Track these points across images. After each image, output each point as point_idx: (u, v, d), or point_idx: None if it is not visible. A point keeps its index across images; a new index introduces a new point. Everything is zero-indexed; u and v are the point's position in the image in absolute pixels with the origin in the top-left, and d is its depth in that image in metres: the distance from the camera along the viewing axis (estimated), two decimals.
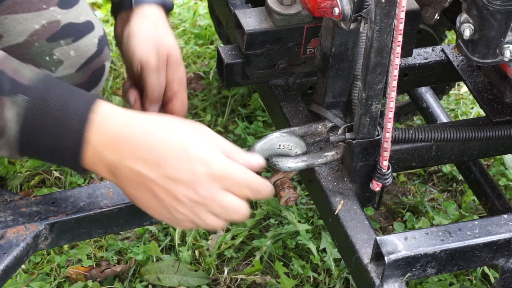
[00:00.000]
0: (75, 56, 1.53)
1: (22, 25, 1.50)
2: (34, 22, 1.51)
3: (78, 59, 1.54)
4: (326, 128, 1.60)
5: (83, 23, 1.55)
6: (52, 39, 1.52)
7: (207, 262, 2.00)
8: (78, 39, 1.54)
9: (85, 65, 1.55)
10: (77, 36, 1.53)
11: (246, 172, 1.35)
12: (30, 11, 1.50)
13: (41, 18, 1.51)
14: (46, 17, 1.51)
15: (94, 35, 1.56)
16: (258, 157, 1.39)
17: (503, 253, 1.43)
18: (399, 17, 1.31)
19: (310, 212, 2.12)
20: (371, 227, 1.47)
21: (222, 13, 1.92)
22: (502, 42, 1.41)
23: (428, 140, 1.58)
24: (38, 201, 1.48)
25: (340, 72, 1.56)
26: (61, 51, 1.52)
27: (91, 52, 1.56)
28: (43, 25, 1.51)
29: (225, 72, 1.65)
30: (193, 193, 1.31)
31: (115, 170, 1.32)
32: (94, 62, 1.56)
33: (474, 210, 2.16)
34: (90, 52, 1.55)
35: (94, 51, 1.56)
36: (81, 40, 1.54)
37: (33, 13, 1.50)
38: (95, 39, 1.56)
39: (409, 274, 1.39)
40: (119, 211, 1.49)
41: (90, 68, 1.56)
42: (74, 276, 1.97)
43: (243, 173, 1.35)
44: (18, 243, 1.42)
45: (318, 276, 1.99)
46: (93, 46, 1.55)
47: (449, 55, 1.76)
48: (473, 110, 2.45)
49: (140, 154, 1.30)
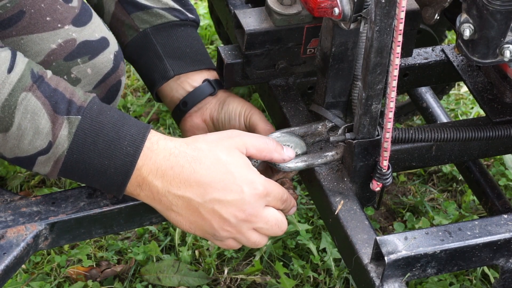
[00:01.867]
0: (92, 74, 1.55)
1: (38, 45, 1.51)
2: (50, 41, 1.52)
3: (95, 76, 1.55)
4: (326, 128, 1.60)
5: (98, 40, 1.56)
6: (69, 58, 1.53)
7: (207, 262, 2.00)
8: (94, 57, 1.55)
9: (102, 82, 1.57)
10: (93, 53, 1.55)
11: (281, 188, 1.50)
12: (46, 30, 1.51)
13: (57, 37, 1.52)
14: (62, 36, 1.52)
15: (110, 51, 1.57)
16: (291, 151, 1.53)
17: (503, 253, 1.43)
18: (399, 17, 1.31)
19: (310, 212, 2.12)
20: (371, 227, 1.47)
21: (222, 13, 1.92)
22: (502, 42, 1.41)
23: (428, 140, 1.58)
24: (38, 201, 1.48)
25: (340, 72, 1.56)
26: (78, 70, 1.53)
27: (108, 69, 1.57)
28: (59, 44, 1.52)
29: (225, 72, 1.65)
30: (240, 212, 1.44)
31: (161, 197, 1.43)
32: (111, 78, 1.58)
33: (474, 210, 2.16)
34: (106, 68, 1.57)
35: (110, 67, 1.57)
36: (97, 58, 1.55)
37: (48, 33, 1.51)
38: (111, 55, 1.57)
39: (409, 274, 1.39)
40: (119, 211, 1.49)
41: (107, 85, 1.58)
42: (74, 276, 1.97)
43: (279, 189, 1.49)
44: (18, 243, 1.42)
45: (318, 276, 1.99)
46: (109, 62, 1.57)
47: (449, 55, 1.76)
48: (473, 110, 2.45)
49: (187, 182, 1.42)
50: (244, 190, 1.43)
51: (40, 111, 1.37)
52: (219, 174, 1.43)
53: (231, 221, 1.44)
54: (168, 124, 2.34)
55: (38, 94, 1.38)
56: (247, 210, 1.44)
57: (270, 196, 1.47)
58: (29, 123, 1.37)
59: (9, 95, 1.36)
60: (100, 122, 1.40)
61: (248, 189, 1.44)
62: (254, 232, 1.48)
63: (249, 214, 1.44)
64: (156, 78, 1.72)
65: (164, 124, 2.35)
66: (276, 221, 1.48)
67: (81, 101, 1.40)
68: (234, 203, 1.43)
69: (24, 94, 1.37)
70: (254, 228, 1.47)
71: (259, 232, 1.48)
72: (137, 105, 2.40)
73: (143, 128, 1.42)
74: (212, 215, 1.44)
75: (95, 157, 1.40)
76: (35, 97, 1.37)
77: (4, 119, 1.36)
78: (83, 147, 1.39)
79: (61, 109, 1.39)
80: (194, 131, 1.72)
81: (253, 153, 1.49)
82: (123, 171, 1.41)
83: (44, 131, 1.38)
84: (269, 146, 1.50)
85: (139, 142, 1.41)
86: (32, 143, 1.39)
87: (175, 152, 1.43)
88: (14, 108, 1.36)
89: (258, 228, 1.47)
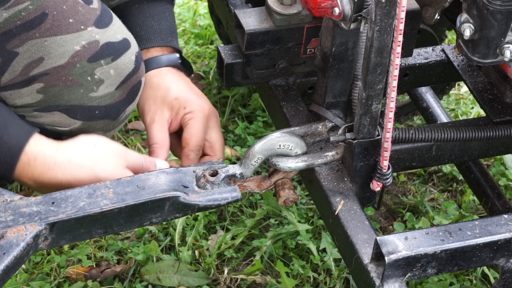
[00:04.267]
0: (115, 75, 1.57)
1: (62, 47, 1.52)
2: (74, 43, 1.53)
3: (118, 77, 1.57)
4: (326, 128, 1.60)
5: (120, 42, 1.58)
6: (93, 60, 1.54)
7: (207, 262, 2.00)
8: (117, 58, 1.57)
9: (124, 83, 1.59)
10: (115, 55, 1.56)
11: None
12: (69, 32, 1.52)
13: (81, 39, 1.53)
14: (85, 38, 1.53)
15: (132, 53, 1.59)
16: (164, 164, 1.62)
17: (503, 253, 1.43)
18: (399, 17, 1.31)
19: (310, 212, 2.12)
20: (371, 227, 1.47)
21: (222, 13, 1.92)
22: (502, 42, 1.41)
23: (428, 140, 1.58)
24: (38, 201, 1.48)
25: (340, 72, 1.55)
26: (102, 71, 1.55)
27: (129, 70, 1.59)
28: (83, 46, 1.53)
29: (225, 72, 1.65)
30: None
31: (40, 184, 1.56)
32: (132, 79, 1.60)
33: (474, 210, 2.16)
34: (128, 69, 1.59)
35: (132, 68, 1.59)
36: (119, 59, 1.57)
37: (72, 35, 1.53)
38: (133, 57, 1.59)
39: (409, 274, 1.39)
40: (119, 211, 1.49)
41: (128, 85, 1.60)
42: (74, 276, 1.97)
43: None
44: (18, 243, 1.42)
45: (318, 276, 1.99)
46: (130, 63, 1.58)
47: (449, 55, 1.76)
48: (473, 110, 2.45)
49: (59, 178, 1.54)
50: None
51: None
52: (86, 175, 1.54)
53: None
54: None
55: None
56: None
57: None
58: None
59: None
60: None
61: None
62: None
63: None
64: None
65: None
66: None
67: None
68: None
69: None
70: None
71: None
72: None
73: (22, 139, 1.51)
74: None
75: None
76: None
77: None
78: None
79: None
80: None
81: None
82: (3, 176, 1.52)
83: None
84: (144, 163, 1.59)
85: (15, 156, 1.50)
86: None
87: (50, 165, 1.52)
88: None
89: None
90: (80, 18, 1.54)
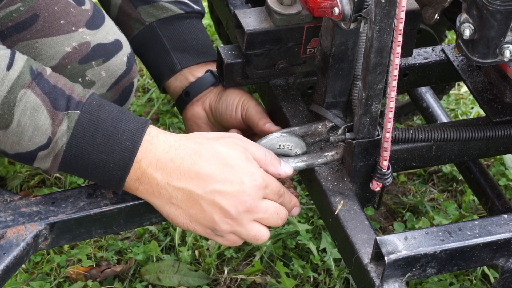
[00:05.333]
0: (106, 76, 1.56)
1: (53, 49, 1.52)
2: (65, 44, 1.53)
3: (109, 78, 1.56)
4: (326, 128, 1.60)
5: (112, 43, 1.57)
6: (84, 61, 1.54)
7: (207, 262, 2.00)
8: (108, 59, 1.56)
9: (115, 84, 1.58)
10: (107, 56, 1.56)
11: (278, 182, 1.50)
12: (60, 34, 1.52)
13: (72, 41, 1.53)
14: (76, 39, 1.53)
15: (123, 54, 1.58)
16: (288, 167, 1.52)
17: (503, 253, 1.43)
18: (399, 17, 1.31)
19: (310, 212, 2.12)
20: (371, 227, 1.47)
21: (222, 13, 1.92)
22: (502, 42, 1.41)
23: (428, 140, 1.58)
24: (38, 201, 1.48)
25: (340, 72, 1.56)
26: (93, 72, 1.54)
27: (121, 71, 1.58)
28: (74, 48, 1.53)
29: (225, 72, 1.65)
30: (241, 203, 1.44)
31: (160, 190, 1.42)
32: (124, 80, 1.59)
33: (474, 210, 2.16)
34: (120, 71, 1.58)
35: (123, 70, 1.58)
36: (111, 60, 1.56)
37: (63, 36, 1.52)
38: (124, 58, 1.58)
39: (409, 274, 1.39)
40: (119, 211, 1.49)
41: (120, 87, 1.59)
42: (74, 276, 1.97)
43: (276, 182, 1.49)
44: (18, 243, 1.42)
45: (318, 276, 1.99)
46: (122, 65, 1.58)
47: (449, 55, 1.76)
48: (473, 110, 2.45)
49: (187, 174, 1.42)
50: (244, 181, 1.43)
51: (40, 108, 1.38)
52: (219, 166, 1.43)
53: (232, 213, 1.44)
54: (168, 124, 2.34)
55: (37, 90, 1.38)
56: (248, 201, 1.44)
57: (268, 188, 1.47)
58: (28, 120, 1.37)
59: (8, 92, 1.36)
60: (99, 117, 1.40)
61: (248, 180, 1.44)
62: (254, 224, 1.47)
63: (249, 205, 1.45)
64: (163, 72, 1.74)
65: (164, 124, 2.35)
66: (275, 210, 1.48)
67: (80, 97, 1.40)
68: (234, 194, 1.43)
69: (24, 91, 1.37)
70: (254, 219, 1.47)
71: (259, 223, 1.48)
72: (137, 105, 2.40)
73: (142, 123, 1.42)
74: (213, 206, 1.43)
75: (94, 152, 1.40)
76: (34, 94, 1.37)
77: (3, 116, 1.37)
78: (82, 142, 1.39)
79: (61, 105, 1.39)
80: (195, 119, 1.73)
81: None
82: (121, 165, 1.41)
83: (44, 127, 1.38)
84: (266, 158, 1.50)
85: (138, 136, 1.41)
86: (32, 139, 1.39)
87: (175, 145, 1.43)
88: (13, 105, 1.36)
89: (258, 219, 1.47)
90: (72, 19, 1.53)
